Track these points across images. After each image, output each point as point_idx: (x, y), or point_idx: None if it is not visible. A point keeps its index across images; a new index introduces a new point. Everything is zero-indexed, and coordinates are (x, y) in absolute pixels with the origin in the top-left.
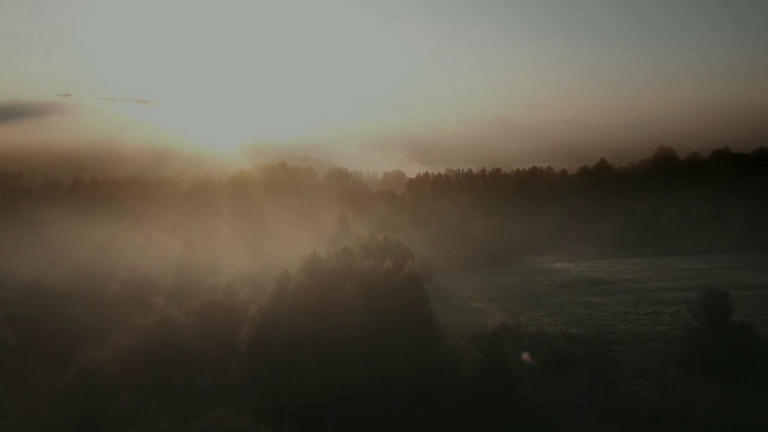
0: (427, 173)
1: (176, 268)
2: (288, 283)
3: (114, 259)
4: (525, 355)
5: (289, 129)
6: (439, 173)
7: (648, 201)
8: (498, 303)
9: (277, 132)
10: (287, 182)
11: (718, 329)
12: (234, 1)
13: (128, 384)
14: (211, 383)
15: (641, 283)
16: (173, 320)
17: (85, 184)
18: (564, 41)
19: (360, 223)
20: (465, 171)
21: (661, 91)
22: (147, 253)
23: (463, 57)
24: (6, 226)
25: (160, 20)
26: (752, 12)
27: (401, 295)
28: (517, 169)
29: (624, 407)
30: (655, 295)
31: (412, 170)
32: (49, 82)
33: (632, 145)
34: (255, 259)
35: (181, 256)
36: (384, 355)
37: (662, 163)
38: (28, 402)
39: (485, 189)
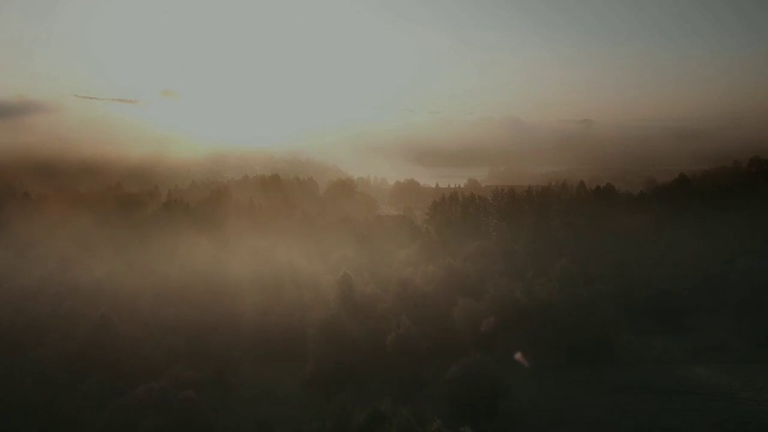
0: (454, 193)
1: None
2: None
3: None
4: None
5: (295, 131)
6: (471, 194)
7: None
8: None
9: (283, 134)
10: (279, 203)
11: None
12: (243, 5)
13: None
14: None
15: None
16: None
17: (31, 200)
18: (570, 41)
19: (371, 275)
20: (504, 189)
21: (670, 92)
22: None
23: (471, 58)
24: None
25: (156, 19)
26: (762, 12)
27: None
28: (567, 186)
29: None
30: None
31: (423, 174)
32: (33, 81)
33: (656, 142)
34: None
35: None
36: None
37: (760, 178)
38: None
39: (536, 215)
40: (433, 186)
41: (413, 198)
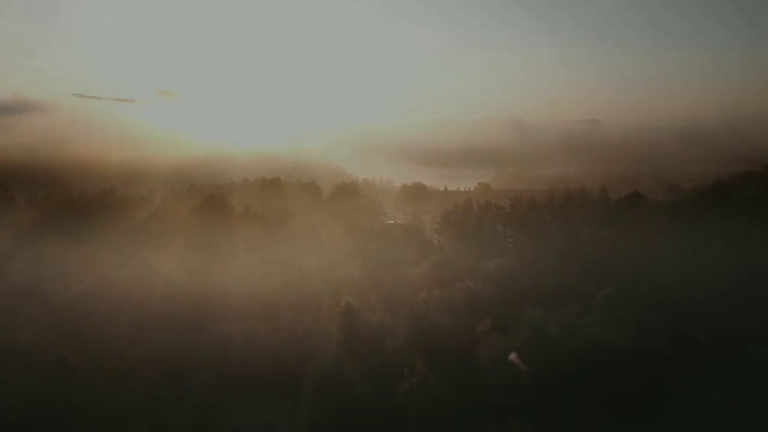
0: (468, 201)
1: None
2: None
3: None
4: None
5: (295, 131)
6: (487, 201)
7: None
8: None
9: (283, 134)
10: (278, 211)
11: None
12: (243, 4)
13: None
14: None
15: None
16: None
17: (16, 205)
18: (573, 40)
19: (378, 298)
20: (523, 196)
21: (673, 92)
22: None
23: (472, 58)
24: None
25: (156, 19)
26: (765, 11)
27: None
28: (586, 191)
29: None
30: None
31: (425, 174)
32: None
33: (665, 143)
34: None
35: None
36: None
37: None
38: None
39: (561, 226)
40: (441, 189)
41: (420, 202)
